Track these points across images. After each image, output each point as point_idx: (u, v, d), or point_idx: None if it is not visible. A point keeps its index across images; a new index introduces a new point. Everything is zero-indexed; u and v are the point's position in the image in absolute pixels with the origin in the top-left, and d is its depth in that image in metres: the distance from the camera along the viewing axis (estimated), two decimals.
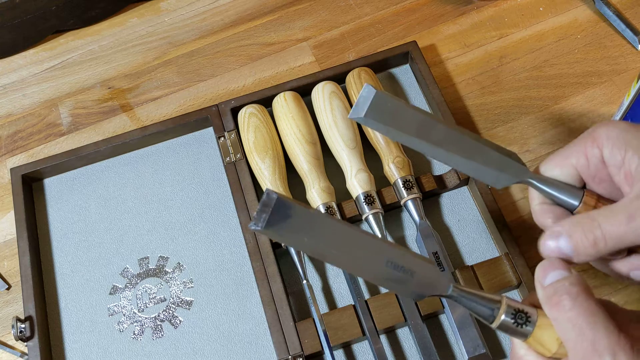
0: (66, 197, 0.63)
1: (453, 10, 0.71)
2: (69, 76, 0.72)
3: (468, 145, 0.36)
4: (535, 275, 0.33)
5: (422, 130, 0.36)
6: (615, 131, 0.34)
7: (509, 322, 0.32)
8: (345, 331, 0.52)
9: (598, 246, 0.32)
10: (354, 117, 0.36)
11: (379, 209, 0.56)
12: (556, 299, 0.31)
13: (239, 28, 0.73)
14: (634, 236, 0.32)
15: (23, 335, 0.54)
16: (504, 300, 0.33)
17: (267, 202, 0.31)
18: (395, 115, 0.36)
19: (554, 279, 0.31)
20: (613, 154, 0.34)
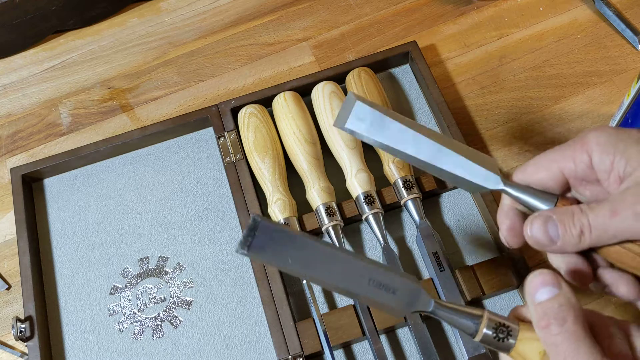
0: (66, 197, 0.63)
1: (453, 10, 0.71)
2: (69, 76, 0.72)
3: (445, 155, 0.37)
4: (526, 288, 0.33)
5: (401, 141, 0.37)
6: (604, 137, 0.34)
7: (491, 335, 0.33)
8: (345, 331, 0.52)
9: (584, 235, 0.33)
10: (337, 126, 0.38)
11: (379, 209, 0.56)
12: (544, 322, 0.31)
13: (239, 28, 0.73)
14: (615, 230, 0.33)
15: (23, 335, 0.54)
16: (485, 315, 0.33)
17: (253, 227, 0.33)
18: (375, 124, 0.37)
19: (544, 297, 0.32)
20: (602, 159, 0.34)
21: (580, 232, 0.34)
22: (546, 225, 0.35)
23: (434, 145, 0.37)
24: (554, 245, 0.35)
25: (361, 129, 0.38)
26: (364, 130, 0.38)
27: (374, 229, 0.55)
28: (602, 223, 0.33)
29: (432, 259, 0.53)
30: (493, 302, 0.54)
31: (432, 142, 0.37)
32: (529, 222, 0.36)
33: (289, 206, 0.56)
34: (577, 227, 0.34)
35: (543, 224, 0.35)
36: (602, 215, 0.33)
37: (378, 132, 0.37)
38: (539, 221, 0.35)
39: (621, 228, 0.32)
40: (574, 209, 0.34)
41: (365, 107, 0.37)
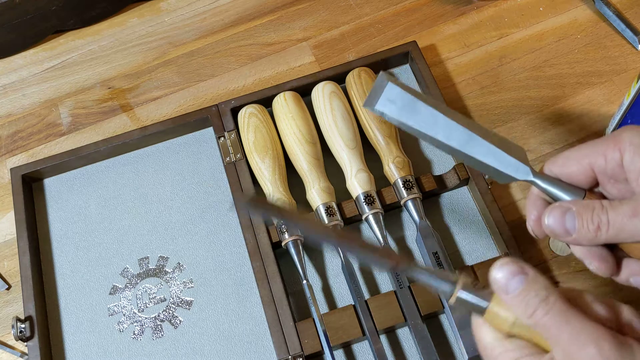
0: (66, 197, 0.63)
1: (453, 10, 0.71)
2: (69, 76, 0.72)
3: (476, 143, 0.37)
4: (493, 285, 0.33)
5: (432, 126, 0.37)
6: (638, 137, 0.34)
7: (464, 298, 0.34)
8: (345, 331, 0.52)
9: (600, 231, 0.34)
10: (367, 107, 0.38)
11: (379, 209, 0.56)
12: (529, 311, 0.32)
13: (239, 28, 0.73)
14: (632, 231, 0.33)
15: (23, 335, 0.54)
16: (461, 278, 0.34)
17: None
18: (406, 107, 0.37)
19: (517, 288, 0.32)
20: (634, 160, 0.34)
21: (597, 228, 0.34)
22: (564, 216, 0.35)
23: (465, 132, 0.37)
24: (569, 237, 0.35)
25: (392, 112, 0.37)
26: (394, 113, 0.37)
27: (374, 229, 0.55)
28: (620, 221, 0.33)
29: (432, 259, 0.53)
30: None
31: (464, 129, 0.37)
32: (548, 210, 0.36)
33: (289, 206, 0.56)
34: (594, 222, 0.34)
35: (561, 214, 0.35)
36: (623, 213, 0.33)
37: (409, 115, 0.37)
38: (558, 212, 0.35)
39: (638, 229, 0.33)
40: (595, 203, 0.34)
41: (397, 88, 0.37)
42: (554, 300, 0.31)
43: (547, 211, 0.36)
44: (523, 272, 0.32)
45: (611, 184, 0.37)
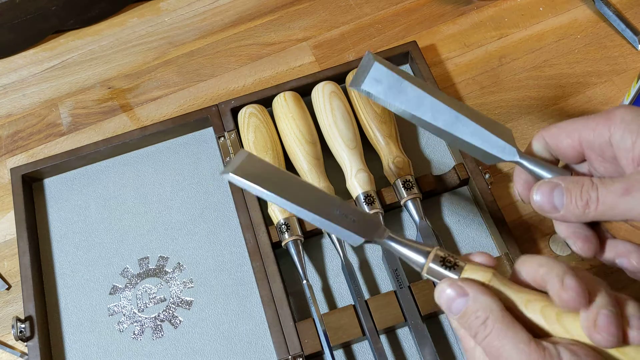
0: (66, 197, 0.63)
1: (453, 10, 0.71)
2: (69, 76, 0.72)
3: (462, 123, 0.37)
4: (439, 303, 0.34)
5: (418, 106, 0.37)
6: (630, 115, 0.34)
7: (437, 269, 0.34)
8: (345, 331, 0.52)
9: (589, 208, 0.34)
10: (353, 87, 0.37)
11: (379, 209, 0.56)
12: (472, 332, 0.33)
13: (239, 28, 0.73)
14: (624, 209, 0.33)
15: (23, 335, 0.54)
16: (434, 249, 0.35)
17: (238, 156, 0.37)
18: (392, 87, 0.37)
19: (459, 310, 0.33)
20: (624, 137, 0.34)
21: (585, 204, 0.34)
22: (552, 192, 0.35)
23: (451, 112, 0.37)
24: (556, 213, 0.35)
25: (378, 91, 0.37)
26: (380, 93, 0.37)
27: None
28: (611, 199, 0.33)
29: None
30: None
31: (450, 110, 0.37)
32: (537, 186, 0.36)
33: None
34: (583, 198, 0.34)
35: (550, 190, 0.35)
36: (614, 191, 0.33)
37: (395, 95, 0.37)
38: (546, 187, 0.35)
39: (630, 207, 0.32)
40: (584, 180, 0.34)
41: (383, 68, 0.37)
42: (492, 322, 0.32)
43: (535, 187, 0.36)
44: (463, 294, 0.33)
45: (599, 161, 0.37)
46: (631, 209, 0.32)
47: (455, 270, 0.34)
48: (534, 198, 0.36)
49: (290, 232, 0.55)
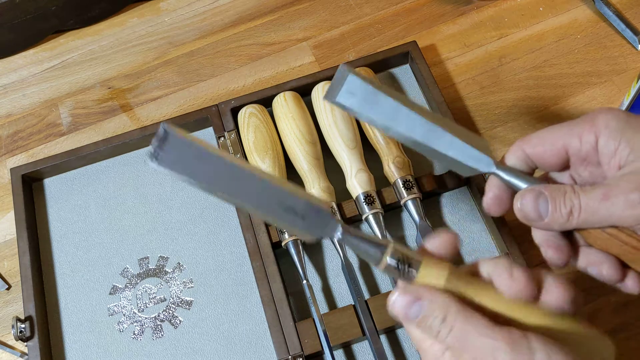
0: (66, 197, 0.63)
1: (453, 10, 0.71)
2: (69, 76, 0.72)
3: (438, 135, 0.37)
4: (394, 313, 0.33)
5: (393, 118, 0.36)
6: (614, 121, 0.34)
7: (393, 265, 0.33)
8: (345, 331, 0.52)
9: (572, 216, 0.34)
10: (328, 100, 0.36)
11: (379, 209, 0.56)
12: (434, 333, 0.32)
13: (239, 28, 0.73)
14: (604, 215, 0.33)
15: (23, 335, 0.54)
16: (390, 245, 0.34)
17: (163, 137, 0.32)
18: (367, 100, 0.36)
19: (417, 315, 0.32)
20: (607, 143, 0.34)
21: (569, 212, 0.34)
22: (537, 200, 0.35)
23: (427, 124, 0.37)
24: (541, 222, 0.35)
25: (352, 104, 0.36)
26: (355, 106, 0.36)
27: (374, 229, 0.55)
28: (592, 206, 0.33)
29: None
30: None
31: (426, 121, 0.37)
32: (521, 195, 0.36)
33: None
34: (567, 206, 0.34)
35: (534, 198, 0.35)
36: (594, 197, 0.33)
37: (370, 108, 0.36)
38: (531, 196, 0.35)
39: (609, 213, 0.33)
40: (566, 187, 0.34)
41: (358, 80, 0.36)
42: (452, 319, 0.32)
43: (519, 196, 0.36)
44: (417, 299, 0.33)
45: (583, 166, 0.37)
46: (611, 215, 0.33)
47: (411, 266, 0.33)
48: (519, 206, 0.36)
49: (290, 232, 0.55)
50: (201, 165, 0.32)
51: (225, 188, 0.33)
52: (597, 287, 0.54)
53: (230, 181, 0.33)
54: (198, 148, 0.32)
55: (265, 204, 0.33)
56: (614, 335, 0.52)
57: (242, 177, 0.33)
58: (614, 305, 0.53)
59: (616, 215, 0.33)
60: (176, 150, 0.32)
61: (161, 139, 0.32)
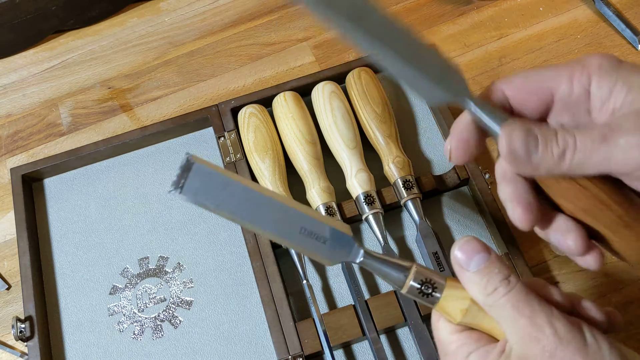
0: (66, 197, 0.63)
1: (453, 10, 0.71)
2: (69, 76, 0.72)
3: (407, 43, 0.33)
4: (455, 259, 0.32)
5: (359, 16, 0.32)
6: (607, 62, 0.32)
7: (417, 288, 0.33)
8: (345, 331, 0.52)
9: (565, 157, 0.30)
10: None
11: (379, 209, 0.56)
12: (490, 288, 0.31)
13: (239, 28, 0.73)
14: (601, 158, 0.30)
15: (23, 335, 0.54)
16: (413, 267, 0.33)
17: (187, 167, 0.33)
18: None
19: (479, 265, 0.31)
20: (601, 85, 0.31)
21: (561, 152, 0.30)
22: (527, 137, 0.31)
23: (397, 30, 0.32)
24: (528, 162, 0.31)
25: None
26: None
27: (374, 229, 0.55)
28: (589, 147, 0.30)
29: (432, 259, 0.53)
30: None
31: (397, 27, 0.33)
32: (508, 129, 0.31)
33: None
34: (560, 146, 0.30)
35: (525, 134, 0.31)
36: (592, 138, 0.30)
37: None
38: (520, 131, 0.31)
39: (609, 156, 0.29)
40: (557, 128, 0.31)
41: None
42: (515, 280, 0.31)
43: (507, 129, 0.31)
44: (486, 251, 0.32)
45: (569, 113, 0.33)
46: (609, 158, 0.29)
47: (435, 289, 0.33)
48: (505, 142, 0.31)
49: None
50: (224, 194, 0.32)
51: (249, 216, 0.33)
52: (597, 287, 0.54)
53: (254, 209, 0.33)
54: (221, 177, 0.33)
55: (288, 230, 0.33)
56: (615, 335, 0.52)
57: (265, 204, 0.33)
58: (614, 305, 0.53)
59: (617, 158, 0.29)
60: (199, 180, 0.32)
61: (185, 168, 0.32)
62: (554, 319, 0.30)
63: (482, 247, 0.32)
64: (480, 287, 0.31)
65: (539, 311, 0.30)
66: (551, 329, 0.30)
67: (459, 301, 0.32)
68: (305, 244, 0.33)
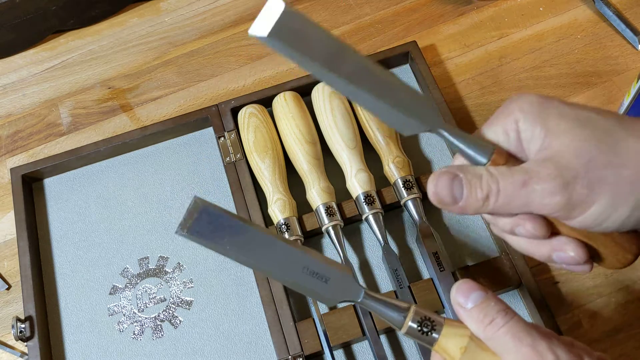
0: (66, 197, 0.63)
1: (453, 10, 0.71)
2: (69, 76, 0.72)
3: (380, 82, 0.33)
4: (453, 298, 0.34)
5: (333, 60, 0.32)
6: (527, 105, 0.33)
7: (415, 328, 0.34)
8: (345, 331, 0.52)
9: (489, 201, 0.32)
10: (255, 35, 0.30)
11: (379, 209, 0.56)
12: (488, 319, 0.32)
13: (239, 28, 0.73)
14: (523, 202, 0.32)
15: (23, 335, 0.54)
16: (412, 308, 0.34)
17: (194, 209, 0.34)
18: (304, 38, 0.31)
19: (477, 302, 0.33)
20: (525, 128, 0.33)
21: (485, 197, 0.32)
22: (452, 182, 0.33)
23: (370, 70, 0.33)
24: (455, 205, 0.33)
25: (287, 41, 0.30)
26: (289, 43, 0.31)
27: (374, 229, 0.55)
28: (510, 192, 0.32)
29: (432, 259, 0.53)
30: None
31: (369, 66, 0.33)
32: (435, 176, 0.33)
33: (289, 206, 0.56)
34: (484, 190, 0.32)
35: (449, 181, 0.33)
36: (513, 183, 0.32)
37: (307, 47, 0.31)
38: (446, 178, 0.33)
39: (528, 200, 0.31)
40: (483, 171, 0.33)
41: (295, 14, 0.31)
42: (512, 313, 0.32)
43: (433, 177, 0.33)
44: (483, 290, 0.33)
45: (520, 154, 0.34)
46: (528, 203, 0.31)
47: (434, 329, 0.34)
48: (433, 189, 0.33)
49: (290, 232, 0.55)
50: (229, 236, 0.34)
51: (253, 257, 0.34)
52: (596, 287, 0.54)
53: (257, 250, 0.34)
54: (227, 219, 0.34)
55: (291, 270, 0.34)
56: (614, 335, 0.52)
57: (269, 246, 0.34)
58: (614, 305, 0.53)
59: (535, 202, 0.31)
60: (206, 222, 0.34)
61: (192, 211, 0.34)
62: (555, 347, 0.31)
63: (478, 287, 0.33)
64: (478, 320, 0.32)
65: (539, 339, 0.31)
66: (553, 356, 0.30)
67: (457, 339, 0.33)
68: (307, 283, 0.34)
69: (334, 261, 0.36)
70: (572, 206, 0.31)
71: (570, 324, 0.53)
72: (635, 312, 0.53)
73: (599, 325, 0.53)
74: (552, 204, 0.31)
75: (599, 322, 0.53)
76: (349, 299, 0.35)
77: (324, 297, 0.35)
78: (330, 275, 0.35)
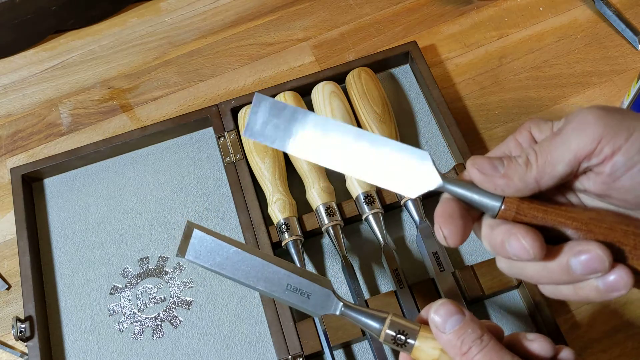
0: (66, 197, 0.63)
1: (453, 10, 0.71)
2: (69, 76, 0.72)
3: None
4: (431, 320, 0.34)
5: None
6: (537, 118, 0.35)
7: (392, 336, 0.35)
8: (345, 331, 0.52)
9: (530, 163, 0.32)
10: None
11: (379, 209, 0.56)
12: (465, 347, 0.33)
13: (239, 28, 0.73)
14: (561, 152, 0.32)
15: (23, 335, 0.54)
16: (389, 317, 0.36)
17: (187, 234, 0.38)
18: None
19: (454, 327, 0.33)
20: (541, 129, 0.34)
21: (526, 160, 0.32)
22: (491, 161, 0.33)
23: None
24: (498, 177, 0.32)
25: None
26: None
27: (374, 229, 0.55)
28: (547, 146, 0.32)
29: (432, 259, 0.53)
30: (493, 302, 0.54)
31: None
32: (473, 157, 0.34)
33: (289, 206, 0.56)
34: (522, 156, 0.33)
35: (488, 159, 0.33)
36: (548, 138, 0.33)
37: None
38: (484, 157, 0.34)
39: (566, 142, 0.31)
40: None
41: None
42: (487, 339, 0.33)
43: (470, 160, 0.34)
44: (461, 313, 0.34)
45: None
46: (567, 144, 0.31)
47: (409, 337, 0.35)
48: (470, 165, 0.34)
49: (290, 232, 0.55)
50: (221, 257, 0.38)
51: (242, 276, 0.38)
52: None
53: (246, 269, 0.38)
54: (217, 242, 0.38)
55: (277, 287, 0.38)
56: (613, 336, 0.52)
57: (256, 265, 0.38)
58: (614, 305, 0.53)
59: (572, 143, 0.31)
60: (199, 245, 0.38)
61: (186, 235, 0.38)
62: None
63: (456, 310, 0.34)
64: (455, 347, 0.33)
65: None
66: None
67: (430, 351, 0.35)
68: (291, 298, 0.38)
69: (316, 276, 0.39)
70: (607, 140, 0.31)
71: (570, 324, 0.53)
72: (635, 313, 0.53)
73: (598, 326, 0.53)
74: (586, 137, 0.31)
75: (598, 323, 0.53)
76: (330, 312, 0.38)
77: (308, 310, 0.38)
78: (311, 290, 0.38)
